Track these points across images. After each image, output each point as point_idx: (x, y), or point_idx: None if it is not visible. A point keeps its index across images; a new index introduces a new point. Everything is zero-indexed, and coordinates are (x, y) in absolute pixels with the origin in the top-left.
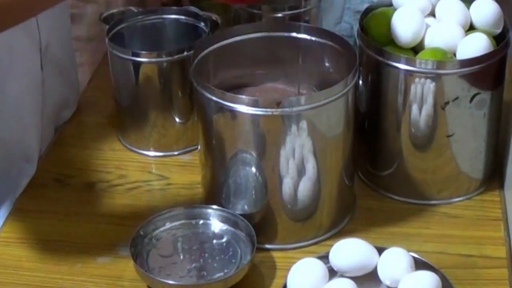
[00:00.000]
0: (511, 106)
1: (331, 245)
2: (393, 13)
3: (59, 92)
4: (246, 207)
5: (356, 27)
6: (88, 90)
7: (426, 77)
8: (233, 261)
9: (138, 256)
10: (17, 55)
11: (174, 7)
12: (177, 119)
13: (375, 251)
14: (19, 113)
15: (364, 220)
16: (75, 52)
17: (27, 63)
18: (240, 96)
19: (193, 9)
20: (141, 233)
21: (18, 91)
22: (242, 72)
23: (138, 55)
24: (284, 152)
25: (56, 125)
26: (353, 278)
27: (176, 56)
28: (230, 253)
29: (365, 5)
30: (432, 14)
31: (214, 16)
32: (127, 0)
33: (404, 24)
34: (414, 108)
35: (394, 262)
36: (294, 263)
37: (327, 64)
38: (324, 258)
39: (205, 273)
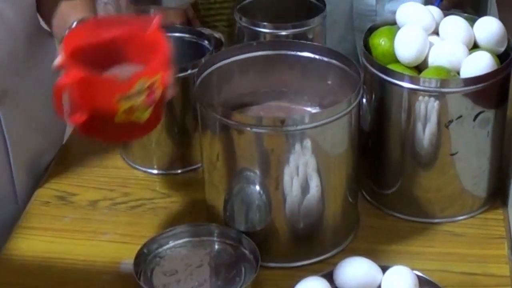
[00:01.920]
0: None
1: (335, 264)
2: (396, 31)
3: (32, 142)
4: (249, 225)
5: (359, 45)
6: None
7: (430, 96)
8: (237, 279)
9: (142, 274)
10: None
11: (177, 25)
12: (181, 137)
13: (379, 270)
14: None
15: (368, 238)
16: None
17: None
18: (244, 114)
19: (204, 30)
20: (145, 251)
21: None
22: (246, 90)
23: None
24: (288, 170)
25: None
26: None
27: (179, 75)
28: (234, 271)
29: (369, 24)
30: (436, 32)
31: (218, 35)
32: None
33: (408, 43)
34: (418, 126)
35: (398, 280)
36: (298, 281)
37: (330, 83)
38: (328, 276)
39: None
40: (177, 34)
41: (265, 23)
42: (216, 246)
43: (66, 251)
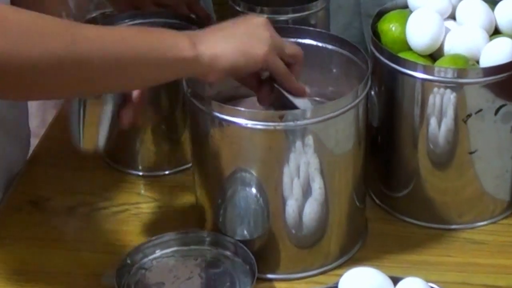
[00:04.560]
0: None
1: (341, 275)
2: (408, 16)
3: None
4: (245, 232)
5: (367, 32)
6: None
7: (446, 87)
8: None
9: None
10: None
11: (163, 9)
12: (168, 135)
13: (389, 282)
14: None
15: (377, 247)
16: None
17: None
18: (238, 108)
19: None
20: (128, 261)
21: None
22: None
23: None
24: (287, 171)
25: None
26: None
27: None
28: (228, 283)
29: (377, 8)
30: (453, 16)
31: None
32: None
33: (421, 28)
34: (433, 121)
35: None
36: None
37: (335, 73)
38: None
39: None
40: (162, 20)
41: (262, 8)
42: (208, 256)
43: (40, 263)
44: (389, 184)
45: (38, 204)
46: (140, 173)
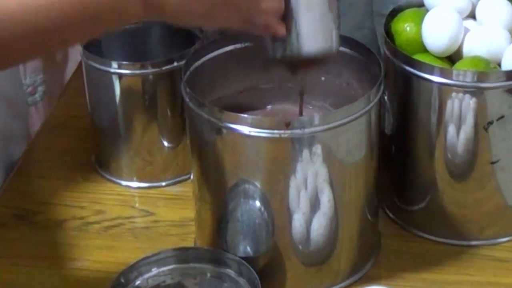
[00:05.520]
0: None
1: None
2: (424, 15)
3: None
4: (248, 249)
5: (380, 32)
6: (57, 108)
7: (465, 92)
8: None
9: None
10: None
11: None
12: (165, 143)
13: None
14: None
15: (391, 265)
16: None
17: None
18: (241, 115)
19: None
20: (122, 280)
21: None
22: (244, 86)
23: (118, 66)
24: (294, 183)
25: (4, 163)
26: None
27: (164, 68)
28: None
29: (391, 7)
30: (472, 15)
31: None
32: None
33: (439, 28)
34: (451, 129)
35: None
36: None
37: (346, 77)
38: None
39: None
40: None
41: None
42: (208, 275)
43: (27, 283)
44: (404, 197)
45: (24, 218)
46: (135, 185)
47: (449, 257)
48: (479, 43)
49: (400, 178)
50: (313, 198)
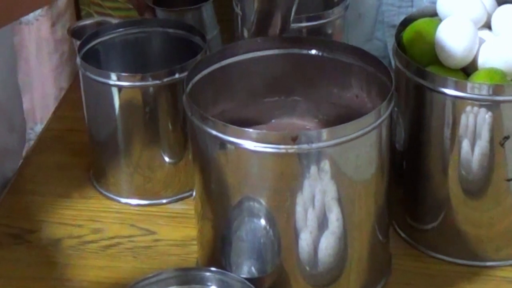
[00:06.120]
0: None
1: None
2: (438, 24)
3: None
4: (253, 269)
5: (391, 44)
6: (53, 122)
7: (480, 106)
8: None
9: None
10: None
11: (162, 18)
12: (166, 159)
13: None
14: None
15: (402, 286)
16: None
17: None
18: (246, 129)
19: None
20: None
21: None
22: (248, 99)
23: (117, 78)
24: (301, 200)
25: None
26: None
27: (165, 79)
28: None
29: (402, 17)
30: (488, 25)
31: None
32: None
33: (452, 39)
34: (465, 144)
35: None
36: None
37: (355, 90)
38: None
39: None
40: (161, 29)
41: None
42: None
43: None
44: (416, 215)
45: (18, 237)
46: (135, 202)
47: (463, 279)
48: (494, 54)
49: (412, 195)
50: (321, 217)
